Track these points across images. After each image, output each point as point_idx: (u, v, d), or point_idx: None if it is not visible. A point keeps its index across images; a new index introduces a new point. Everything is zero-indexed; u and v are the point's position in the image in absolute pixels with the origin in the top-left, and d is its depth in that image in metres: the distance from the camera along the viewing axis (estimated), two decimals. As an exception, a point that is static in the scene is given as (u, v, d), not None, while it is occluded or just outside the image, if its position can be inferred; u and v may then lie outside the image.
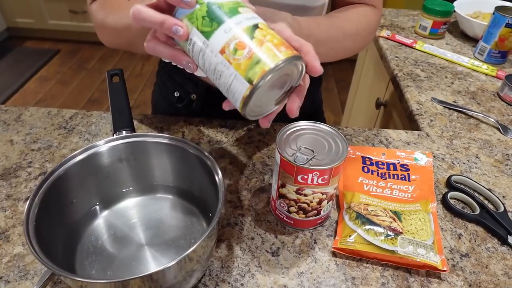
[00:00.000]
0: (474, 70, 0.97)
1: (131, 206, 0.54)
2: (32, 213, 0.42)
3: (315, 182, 0.48)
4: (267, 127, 0.43)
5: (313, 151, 0.49)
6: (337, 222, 0.56)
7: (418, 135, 0.74)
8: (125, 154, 0.52)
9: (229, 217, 0.56)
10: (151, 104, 0.90)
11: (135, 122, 0.72)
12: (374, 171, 0.62)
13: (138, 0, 0.47)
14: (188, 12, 0.38)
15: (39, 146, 0.67)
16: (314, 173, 0.47)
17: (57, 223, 0.46)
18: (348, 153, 0.49)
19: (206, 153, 0.49)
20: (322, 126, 0.52)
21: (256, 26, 0.37)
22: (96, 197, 0.53)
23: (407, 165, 0.63)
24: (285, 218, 0.54)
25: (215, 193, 0.46)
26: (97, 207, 0.53)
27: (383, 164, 0.64)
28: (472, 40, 1.12)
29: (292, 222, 0.54)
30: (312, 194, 0.50)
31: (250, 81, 0.35)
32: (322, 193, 0.50)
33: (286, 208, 0.53)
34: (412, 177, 0.61)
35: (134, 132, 0.55)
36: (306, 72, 0.40)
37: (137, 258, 0.49)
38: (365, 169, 0.62)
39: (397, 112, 0.98)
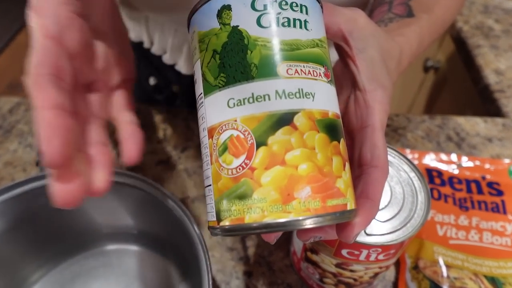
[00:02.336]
0: None
1: (70, 276, 0.35)
2: None
3: (372, 258, 0.28)
4: (271, 242, 0.22)
5: (368, 203, 0.28)
6: (395, 286, 0.36)
7: (503, 125, 0.52)
8: (40, 203, 0.32)
9: (229, 278, 0.37)
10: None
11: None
12: (449, 196, 0.41)
13: None
14: (204, 25, 0.20)
15: (-38, 159, 0.47)
16: (373, 249, 0.26)
17: None
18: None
19: (187, 212, 0.28)
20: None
21: (285, 119, 0.18)
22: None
23: (498, 183, 0.42)
24: (314, 286, 0.35)
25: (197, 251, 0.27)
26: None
27: (460, 182, 0.42)
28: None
29: (327, 292, 0.35)
30: (365, 270, 0.30)
31: (218, 217, 0.19)
32: (381, 267, 0.30)
33: (317, 276, 0.33)
34: (510, 206, 0.40)
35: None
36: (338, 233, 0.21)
37: None
38: (435, 194, 0.41)
39: (457, 82, 0.74)
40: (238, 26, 0.19)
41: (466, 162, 0.44)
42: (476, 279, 0.34)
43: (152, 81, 0.55)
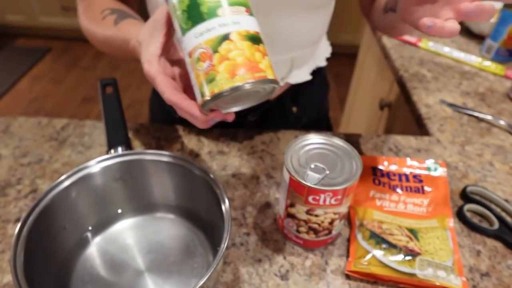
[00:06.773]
0: (482, 70, 0.94)
1: (127, 228, 0.51)
2: (21, 246, 0.39)
3: (327, 203, 0.45)
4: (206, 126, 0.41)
5: (324, 169, 0.45)
6: (349, 241, 0.52)
7: (429, 141, 0.71)
8: (120, 173, 0.48)
9: (234, 236, 0.53)
10: (149, 110, 0.86)
11: (130, 133, 0.69)
12: (386, 183, 0.59)
13: (125, 30, 0.49)
14: None
15: (29, 161, 0.63)
16: (327, 193, 0.43)
17: (49, 253, 0.43)
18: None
19: (212, 176, 0.45)
20: (334, 140, 0.49)
21: (225, 37, 0.35)
22: (89, 221, 0.49)
23: (420, 175, 0.60)
24: (294, 238, 0.51)
25: (220, 216, 0.43)
26: (89, 234, 0.49)
27: (394, 175, 0.60)
28: (478, 37, 1.09)
29: (302, 242, 0.51)
30: (324, 214, 0.46)
31: (202, 95, 0.36)
32: (335, 213, 0.47)
33: (295, 228, 0.49)
34: (426, 189, 0.58)
35: (130, 148, 0.51)
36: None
37: (137, 286, 0.45)
38: (376, 181, 0.59)
39: (403, 115, 0.95)
40: None
41: (400, 163, 0.63)
42: (400, 229, 0.51)
43: None
